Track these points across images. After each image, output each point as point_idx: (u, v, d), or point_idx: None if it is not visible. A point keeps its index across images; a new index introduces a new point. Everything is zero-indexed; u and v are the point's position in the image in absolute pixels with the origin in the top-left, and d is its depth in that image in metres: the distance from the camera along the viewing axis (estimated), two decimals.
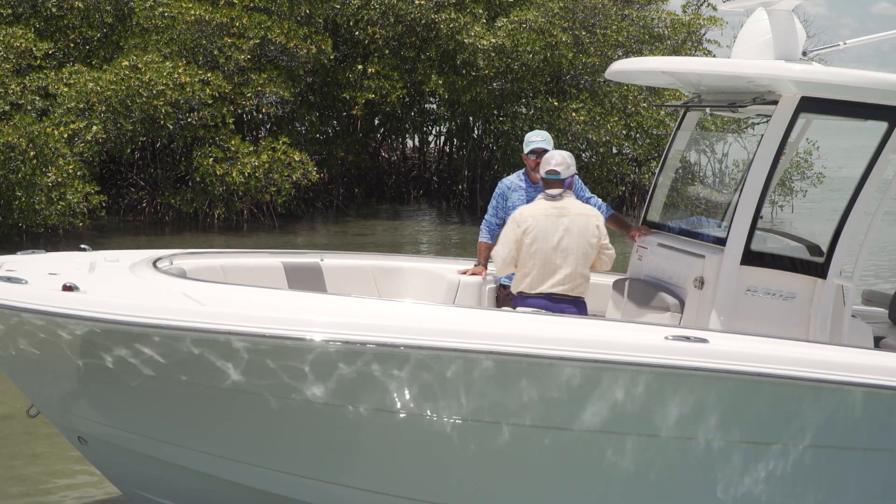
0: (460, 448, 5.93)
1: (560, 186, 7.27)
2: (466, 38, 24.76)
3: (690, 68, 7.68)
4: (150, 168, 24.55)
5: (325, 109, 27.18)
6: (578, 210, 7.27)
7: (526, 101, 26.88)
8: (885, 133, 6.78)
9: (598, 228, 7.23)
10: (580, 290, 7.23)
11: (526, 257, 7.17)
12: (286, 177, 22.18)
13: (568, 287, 7.16)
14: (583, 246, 7.16)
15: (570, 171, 7.33)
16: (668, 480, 6.09)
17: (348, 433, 5.96)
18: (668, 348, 5.84)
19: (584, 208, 7.35)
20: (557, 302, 7.14)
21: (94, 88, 20.63)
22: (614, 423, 5.89)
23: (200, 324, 5.65)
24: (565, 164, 7.31)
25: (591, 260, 7.23)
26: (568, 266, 7.13)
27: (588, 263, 7.22)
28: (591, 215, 7.28)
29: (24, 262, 6.85)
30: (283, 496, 6.29)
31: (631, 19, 27.39)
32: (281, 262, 8.04)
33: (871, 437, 6.19)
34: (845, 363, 6.09)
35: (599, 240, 7.22)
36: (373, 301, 6.74)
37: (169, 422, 6.25)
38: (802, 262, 6.99)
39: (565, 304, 7.15)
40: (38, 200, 19.04)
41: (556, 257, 7.12)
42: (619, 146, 26.79)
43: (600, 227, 7.25)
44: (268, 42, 22.63)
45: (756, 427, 6.02)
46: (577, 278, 7.17)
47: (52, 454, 8.73)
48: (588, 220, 7.23)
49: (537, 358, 5.68)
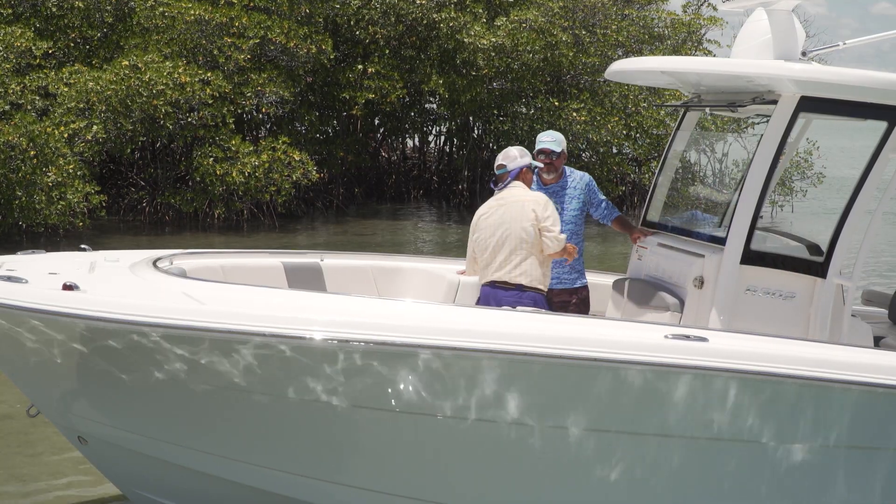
0: (460, 447, 5.94)
1: (504, 179, 7.41)
2: (466, 38, 24.76)
3: (690, 68, 7.68)
4: (150, 168, 24.55)
5: (325, 109, 27.18)
6: (517, 198, 7.27)
7: (526, 101, 26.88)
8: (885, 132, 6.78)
9: (534, 212, 7.17)
10: (521, 277, 7.17)
11: (477, 252, 7.37)
12: (286, 177, 22.17)
13: (504, 273, 7.19)
14: (517, 231, 7.16)
15: (516, 163, 7.40)
16: (668, 479, 6.09)
17: (348, 432, 5.96)
18: (668, 347, 5.84)
19: (524, 195, 7.29)
20: (496, 289, 7.22)
21: (94, 88, 20.63)
22: (614, 423, 5.90)
23: (201, 323, 5.65)
24: (510, 157, 7.44)
25: (531, 245, 7.16)
26: (503, 253, 7.19)
27: (527, 249, 7.16)
28: (528, 201, 7.24)
29: (25, 262, 6.85)
30: (283, 495, 6.29)
31: (631, 19, 27.41)
32: (281, 262, 8.04)
33: (871, 436, 6.19)
34: (845, 362, 6.09)
35: (537, 223, 7.15)
36: (373, 300, 6.75)
37: (169, 421, 6.25)
38: (802, 261, 7.00)
39: (502, 292, 7.17)
40: (38, 200, 19.03)
41: (495, 246, 7.22)
42: (620, 146, 26.81)
43: (538, 211, 7.16)
44: (268, 42, 22.63)
45: (755, 426, 6.02)
46: (511, 264, 7.18)
47: (52, 454, 8.72)
48: (524, 206, 7.21)
49: (537, 357, 5.68)
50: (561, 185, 8.00)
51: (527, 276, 7.15)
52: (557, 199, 7.89)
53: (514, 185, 7.38)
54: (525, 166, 7.45)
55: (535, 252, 7.16)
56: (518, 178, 7.42)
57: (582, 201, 8.01)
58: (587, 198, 8.05)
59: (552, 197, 7.92)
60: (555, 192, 7.96)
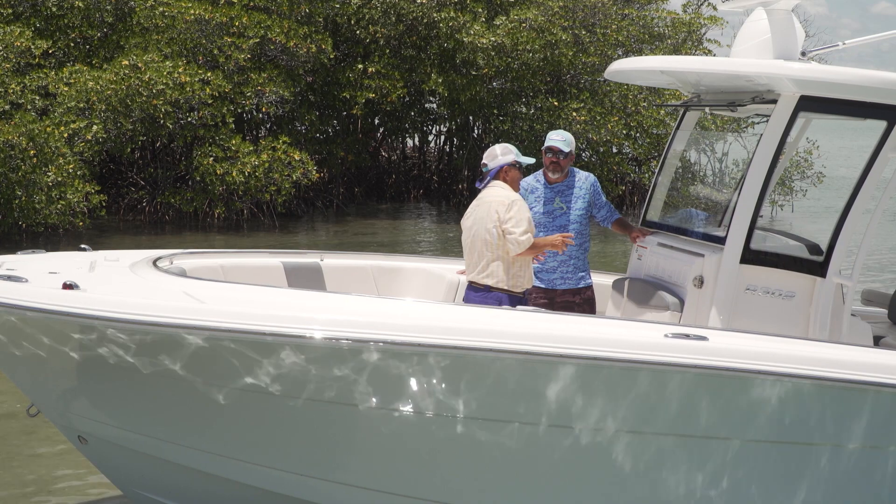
0: (460, 446, 5.94)
1: (486, 177, 7.37)
2: (466, 37, 24.77)
3: (689, 68, 7.69)
4: (150, 167, 24.56)
5: (325, 109, 27.20)
6: (489, 198, 7.24)
7: (526, 101, 26.89)
8: (884, 132, 6.78)
9: (497, 213, 7.13)
10: (487, 279, 7.19)
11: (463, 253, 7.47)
12: (286, 176, 22.18)
13: (475, 275, 7.26)
14: (482, 233, 7.18)
15: (496, 161, 7.34)
16: (667, 479, 6.09)
17: (348, 431, 5.97)
18: (668, 346, 5.84)
19: (494, 196, 7.23)
20: (468, 289, 7.32)
21: (94, 88, 20.64)
22: (614, 422, 5.90)
23: (201, 322, 5.66)
24: (491, 156, 7.39)
25: (496, 246, 7.16)
26: (474, 254, 7.26)
27: (492, 250, 7.17)
28: (493, 202, 7.18)
29: (25, 262, 6.86)
30: (283, 494, 6.30)
31: (631, 18, 27.42)
32: (281, 262, 8.04)
33: (871, 435, 6.19)
34: (845, 361, 6.09)
35: (499, 225, 7.12)
36: (373, 299, 6.75)
37: (169, 421, 6.26)
38: (802, 260, 7.00)
39: (472, 292, 7.27)
40: (38, 200, 19.04)
41: (469, 247, 7.30)
42: (620, 146, 26.81)
43: (500, 212, 7.12)
44: (268, 41, 22.64)
45: (755, 425, 6.02)
46: (480, 266, 7.21)
47: (52, 454, 8.73)
48: (490, 207, 7.18)
49: (537, 356, 5.68)
50: (566, 184, 8.01)
51: (493, 278, 7.19)
52: (563, 198, 7.90)
53: (493, 185, 7.33)
54: (507, 164, 7.36)
55: (501, 253, 7.16)
56: (498, 177, 7.34)
57: (587, 201, 8.02)
58: (592, 198, 8.06)
59: (558, 196, 7.93)
60: (560, 191, 7.96)
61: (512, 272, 7.18)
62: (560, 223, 7.90)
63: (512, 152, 7.42)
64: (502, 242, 7.12)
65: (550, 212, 7.92)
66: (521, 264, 7.22)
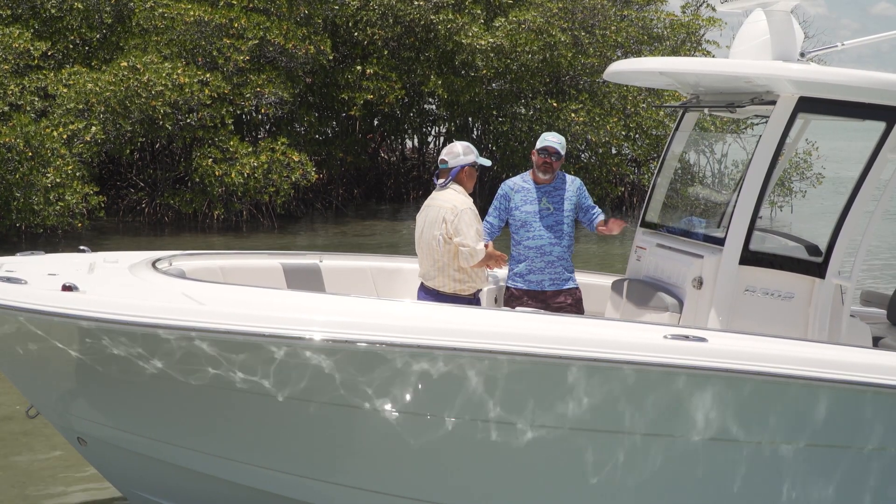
0: (459, 447, 5.94)
1: (445, 176, 7.28)
2: (464, 39, 24.78)
3: (688, 69, 7.69)
4: (150, 169, 24.57)
5: (324, 110, 27.21)
6: (440, 201, 7.19)
7: (525, 102, 26.90)
8: (884, 133, 6.79)
9: (444, 220, 7.08)
10: (437, 282, 7.20)
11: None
12: (285, 177, 22.19)
13: (426, 278, 7.31)
14: (428, 238, 7.19)
15: (458, 161, 7.26)
16: (667, 479, 6.09)
17: (348, 432, 5.97)
18: (668, 347, 5.84)
19: (446, 201, 7.16)
20: (420, 289, 7.38)
21: (93, 89, 20.64)
22: (613, 422, 5.90)
23: (200, 323, 5.66)
24: (453, 154, 7.30)
25: (440, 252, 7.14)
26: (422, 256, 7.29)
27: (439, 256, 7.16)
28: (444, 207, 7.11)
29: (24, 263, 6.85)
30: (282, 496, 6.30)
31: (630, 20, 27.43)
32: (280, 264, 8.05)
33: (871, 437, 6.19)
34: (844, 362, 6.09)
35: (446, 234, 7.09)
36: (372, 300, 6.75)
37: (168, 422, 6.26)
38: (801, 261, 7.00)
39: (423, 293, 7.32)
40: (36, 201, 19.04)
41: (418, 247, 7.34)
42: (619, 147, 26.81)
43: (447, 220, 7.08)
44: (267, 43, 22.65)
45: (754, 425, 6.02)
46: (429, 269, 7.23)
47: (52, 455, 8.73)
48: (438, 212, 7.14)
49: (536, 357, 5.68)
50: (555, 185, 7.98)
51: (438, 281, 7.24)
52: (550, 199, 7.89)
53: (448, 187, 7.26)
54: (468, 165, 7.29)
55: (447, 260, 7.16)
56: (457, 179, 7.26)
57: (574, 203, 8.00)
58: (578, 200, 8.04)
59: (545, 196, 7.91)
60: (548, 192, 7.95)
61: (458, 277, 7.22)
62: (547, 223, 7.88)
63: (473, 152, 7.37)
64: (448, 249, 7.11)
65: (538, 211, 7.91)
66: (468, 269, 7.22)
